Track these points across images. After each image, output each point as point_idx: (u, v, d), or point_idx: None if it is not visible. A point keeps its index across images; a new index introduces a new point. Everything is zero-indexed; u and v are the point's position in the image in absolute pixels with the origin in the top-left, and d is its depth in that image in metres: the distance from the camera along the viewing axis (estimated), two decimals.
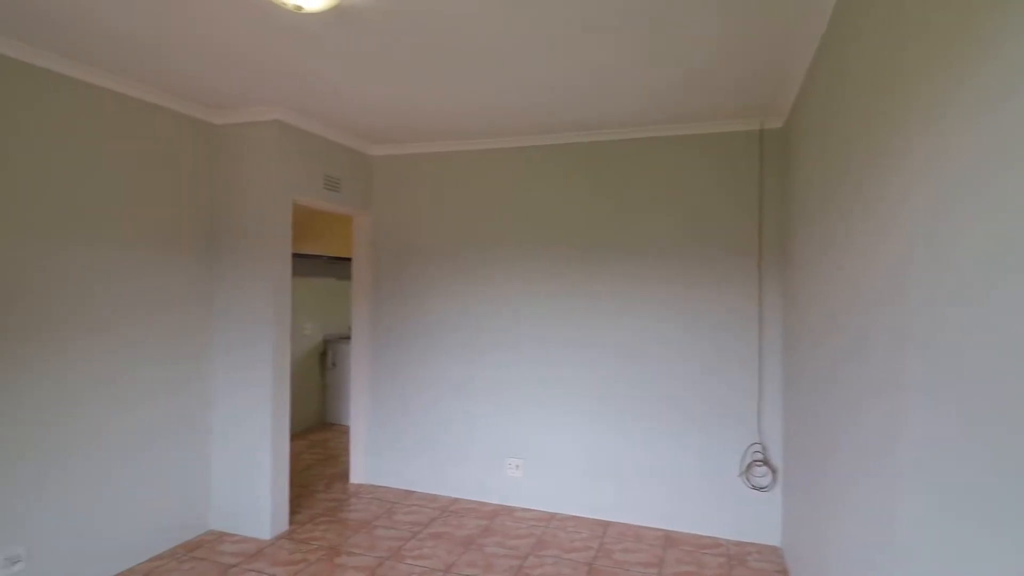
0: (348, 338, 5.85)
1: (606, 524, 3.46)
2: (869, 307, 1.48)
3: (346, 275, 6.12)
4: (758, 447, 3.24)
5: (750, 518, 3.26)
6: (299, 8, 1.82)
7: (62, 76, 2.52)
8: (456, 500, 3.82)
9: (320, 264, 5.83)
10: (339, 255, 5.79)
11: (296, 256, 5.25)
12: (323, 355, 5.89)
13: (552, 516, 3.57)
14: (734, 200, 3.29)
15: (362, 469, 4.12)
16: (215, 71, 2.62)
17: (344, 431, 5.55)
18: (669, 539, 3.28)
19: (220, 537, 3.21)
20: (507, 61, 2.46)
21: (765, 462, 3.23)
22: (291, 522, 3.42)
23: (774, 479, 3.21)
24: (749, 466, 3.25)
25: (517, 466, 3.72)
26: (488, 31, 2.17)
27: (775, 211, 3.23)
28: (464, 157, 3.86)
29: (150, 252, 2.93)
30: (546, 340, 3.65)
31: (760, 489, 3.23)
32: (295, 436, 5.37)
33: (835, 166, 1.90)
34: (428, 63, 2.49)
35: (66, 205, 2.55)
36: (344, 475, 4.26)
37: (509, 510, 3.66)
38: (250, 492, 3.22)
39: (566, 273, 3.61)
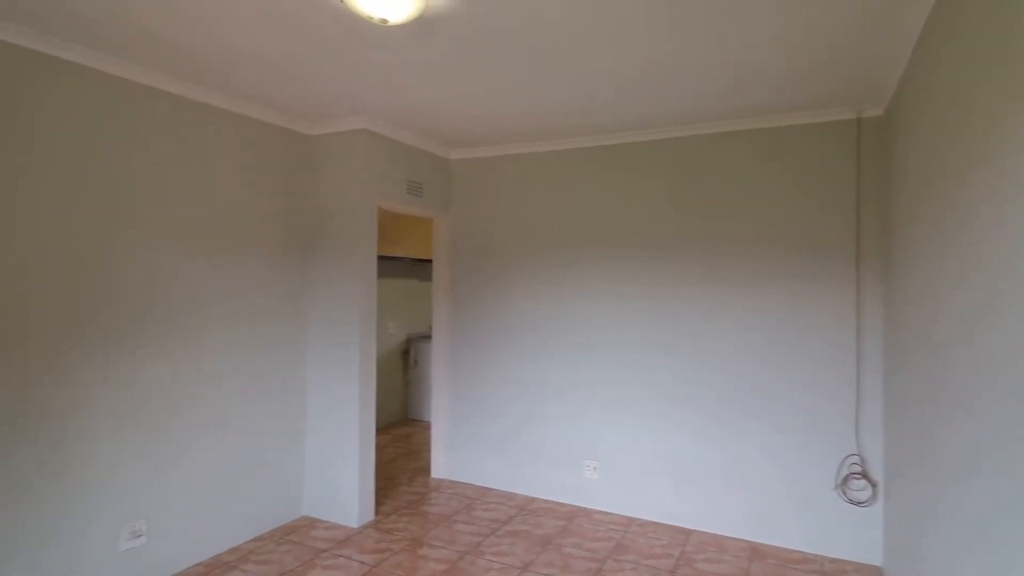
0: (429, 337, 6.04)
1: (687, 532, 3.36)
2: (980, 311, 1.35)
3: (428, 276, 6.32)
4: (856, 459, 3.03)
5: (846, 534, 3.05)
6: (385, 21, 1.90)
7: (178, 96, 2.78)
8: (533, 499, 3.84)
9: (403, 266, 6.06)
10: (421, 257, 5.99)
11: (381, 258, 5.48)
12: (406, 353, 6.11)
13: (631, 520, 3.51)
14: (826, 196, 3.09)
15: (443, 465, 4.24)
16: (308, 85, 2.79)
17: (425, 427, 5.73)
18: (755, 551, 3.13)
19: (312, 523, 3.41)
20: (584, 57, 2.45)
21: (864, 475, 3.01)
22: (376, 512, 3.58)
23: (874, 494, 2.98)
24: (846, 479, 3.05)
25: (594, 468, 3.68)
26: (565, 29, 2.18)
27: (875, 207, 3.00)
28: (540, 158, 3.88)
29: (254, 257, 3.17)
30: (623, 342, 3.59)
31: (858, 504, 3.02)
32: (380, 431, 5.61)
33: (951, 155, 1.74)
34: (506, 66, 2.53)
35: (185, 216, 2.81)
36: (425, 470, 4.40)
37: (586, 512, 3.64)
38: (339, 482, 3.41)
39: (645, 275, 3.54)
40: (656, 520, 3.51)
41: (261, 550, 3.07)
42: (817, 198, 3.11)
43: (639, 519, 3.54)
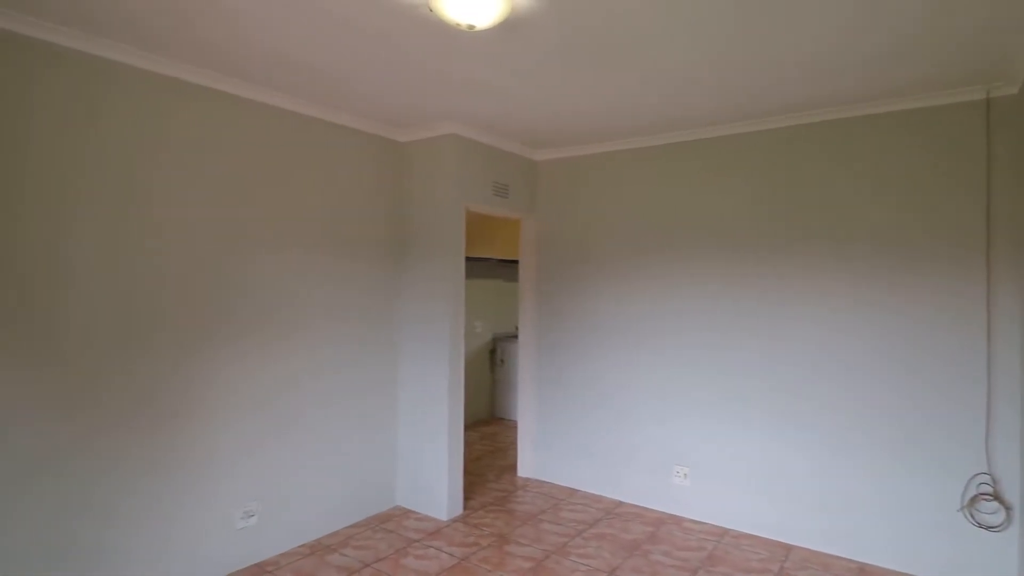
0: (515, 337, 6.11)
1: (788, 547, 3.16)
2: None
3: (514, 277, 6.40)
4: (986, 478, 2.71)
5: (973, 560, 2.74)
6: (472, 27, 1.95)
7: (284, 110, 3.01)
8: (620, 503, 3.77)
9: (490, 266, 6.17)
10: (508, 258, 6.07)
11: (468, 259, 5.62)
12: (492, 352, 6.21)
13: (725, 531, 3.36)
14: (948, 183, 2.79)
15: (529, 463, 4.27)
16: (400, 93, 2.92)
17: (512, 426, 5.80)
18: (864, 572, 2.89)
19: (405, 513, 3.56)
20: (674, 49, 2.38)
21: (996, 497, 2.69)
22: (465, 507, 3.67)
23: (1008, 517, 2.66)
24: (973, 500, 2.74)
25: (684, 474, 3.56)
26: (653, 21, 2.12)
27: (1009, 193, 2.67)
28: (627, 156, 3.81)
29: (353, 259, 3.36)
30: (717, 346, 3.44)
31: (989, 528, 2.70)
32: (467, 428, 5.74)
33: None
34: (591, 65, 2.51)
35: (294, 224, 3.03)
36: (512, 468, 4.46)
37: (676, 519, 3.52)
38: (430, 475, 3.53)
39: (741, 274, 3.37)
40: (752, 532, 3.33)
41: (359, 536, 3.24)
42: (940, 186, 2.82)
43: (733, 530, 3.37)
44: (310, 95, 2.94)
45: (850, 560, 3.02)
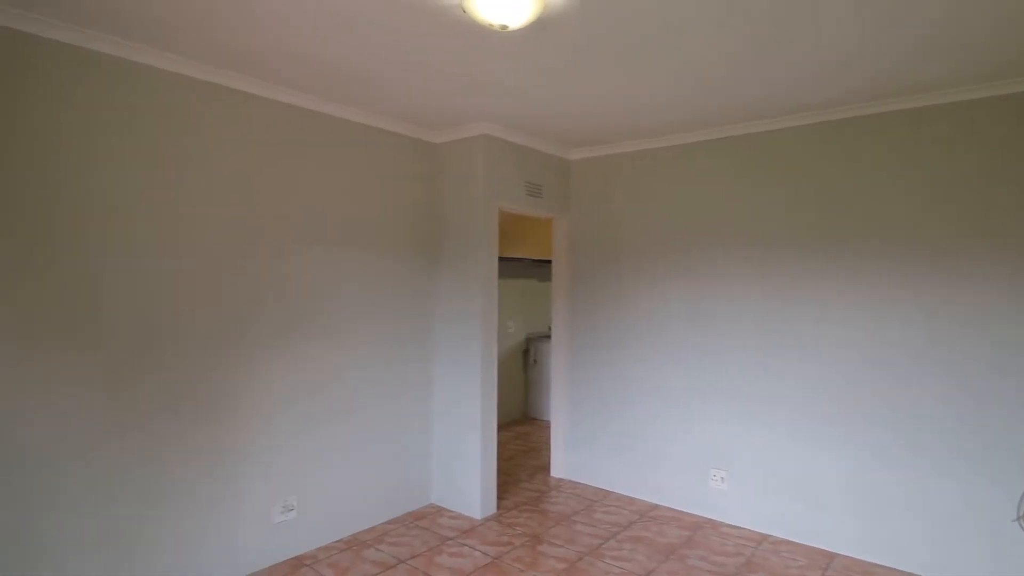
0: (548, 337, 6.10)
1: (830, 555, 3.06)
2: None
3: (546, 277, 6.39)
4: None
5: None
6: (505, 27, 1.95)
7: (322, 114, 3.07)
8: (655, 506, 3.72)
9: (523, 266, 6.18)
10: (540, 258, 6.06)
11: (501, 259, 5.63)
12: (525, 352, 6.21)
13: (763, 537, 3.28)
14: (1004, 178, 2.66)
15: (562, 464, 4.25)
16: (433, 95, 2.94)
17: (544, 426, 5.79)
18: None
19: (439, 511, 3.59)
20: (706, 43, 2.33)
21: None
22: (498, 506, 3.68)
23: None
24: None
25: (722, 478, 3.49)
26: (685, 16, 2.09)
27: None
28: (660, 153, 3.76)
29: (389, 259, 3.41)
30: (754, 348, 3.36)
31: None
32: (500, 428, 5.75)
33: None
34: (623, 62, 2.48)
35: (332, 224, 3.10)
36: (545, 468, 4.45)
37: (713, 524, 3.45)
38: (463, 474, 3.55)
39: (780, 275, 3.28)
40: (792, 539, 3.24)
41: (394, 532, 3.28)
42: (994, 181, 2.69)
43: (772, 536, 3.29)
44: (346, 98, 3.00)
45: (895, 570, 2.90)
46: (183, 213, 2.53)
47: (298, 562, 2.91)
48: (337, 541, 3.16)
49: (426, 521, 3.45)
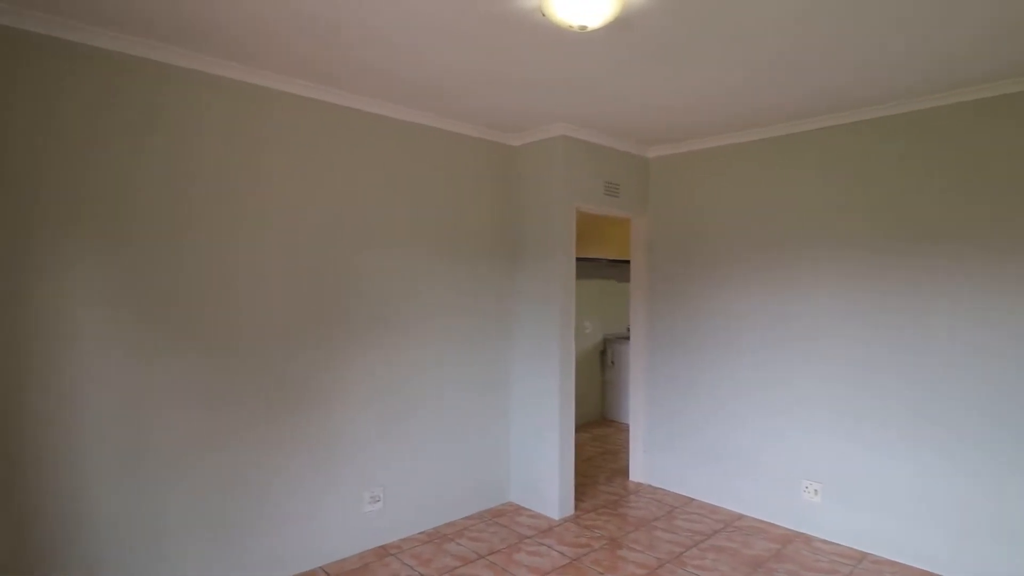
0: (626, 338, 6.00)
1: None
2: None
3: (624, 277, 6.28)
4: None
5: None
6: (584, 28, 1.95)
7: (403, 122, 3.19)
8: (741, 516, 3.57)
9: (600, 267, 6.11)
10: (618, 258, 5.98)
11: (579, 260, 5.60)
12: (603, 353, 6.15)
13: (863, 555, 3.06)
14: None
15: (640, 468, 4.17)
16: (512, 99, 2.98)
17: (622, 428, 5.70)
18: None
19: (517, 509, 3.63)
20: (785, 38, 2.21)
21: None
22: (576, 508, 3.66)
23: None
24: None
25: (815, 491, 3.29)
26: (762, 11, 1.99)
27: None
28: (742, 149, 3.59)
29: (470, 260, 3.49)
30: (850, 355, 3.13)
31: None
32: (578, 429, 5.72)
33: None
34: (700, 58, 2.40)
35: (418, 228, 3.22)
36: (623, 471, 4.38)
37: (805, 538, 3.26)
38: (541, 473, 3.57)
39: (879, 275, 3.05)
40: (896, 559, 3.00)
41: (473, 528, 3.35)
42: None
43: (873, 555, 3.06)
44: (426, 106, 3.10)
45: None
46: (287, 223, 2.72)
47: (384, 551, 3.05)
48: (419, 533, 3.27)
49: (505, 519, 3.50)
